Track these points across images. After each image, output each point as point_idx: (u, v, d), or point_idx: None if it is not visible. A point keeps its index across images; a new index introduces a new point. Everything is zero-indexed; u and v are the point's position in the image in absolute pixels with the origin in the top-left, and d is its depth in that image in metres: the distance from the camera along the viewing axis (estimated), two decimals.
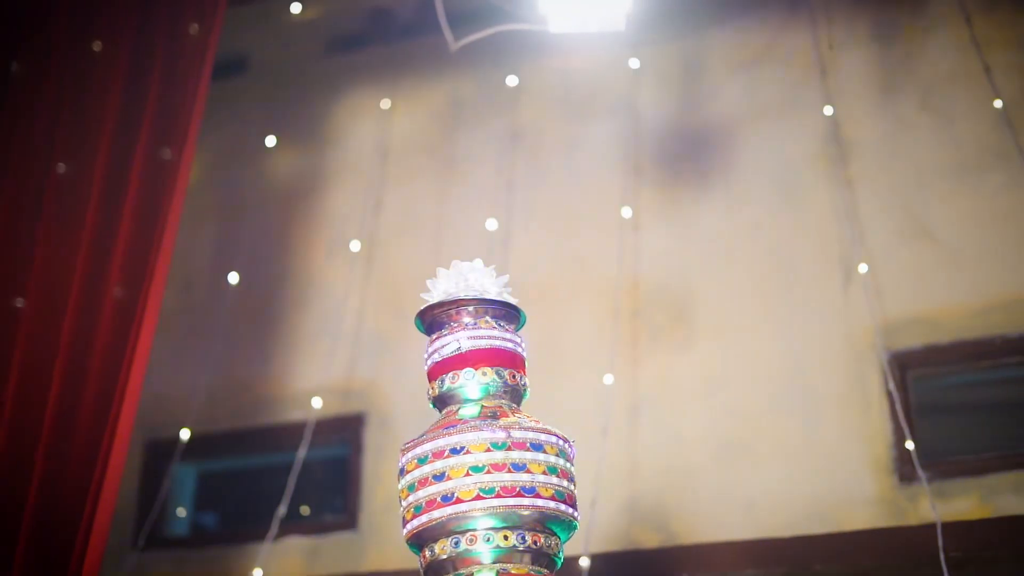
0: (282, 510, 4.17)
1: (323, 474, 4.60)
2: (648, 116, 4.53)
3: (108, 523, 3.34)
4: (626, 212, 4.34)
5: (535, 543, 2.21)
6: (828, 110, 4.22)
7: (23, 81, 3.96)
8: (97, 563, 3.32)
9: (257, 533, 4.30)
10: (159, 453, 4.36)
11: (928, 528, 3.52)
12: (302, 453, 4.25)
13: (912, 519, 3.67)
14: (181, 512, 4.79)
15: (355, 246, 4.59)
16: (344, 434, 4.52)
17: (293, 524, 4.31)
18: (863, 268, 3.99)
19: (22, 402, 3.60)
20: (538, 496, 2.21)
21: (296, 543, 4.34)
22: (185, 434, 4.34)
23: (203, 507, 4.87)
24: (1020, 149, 3.93)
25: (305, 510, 4.52)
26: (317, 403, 4.37)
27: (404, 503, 2.26)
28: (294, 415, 4.52)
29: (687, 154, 4.45)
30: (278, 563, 4.26)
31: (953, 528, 3.53)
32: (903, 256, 4.05)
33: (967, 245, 4.00)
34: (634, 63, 4.48)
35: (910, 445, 3.67)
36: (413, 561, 3.80)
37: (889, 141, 4.21)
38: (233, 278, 4.50)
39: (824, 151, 4.24)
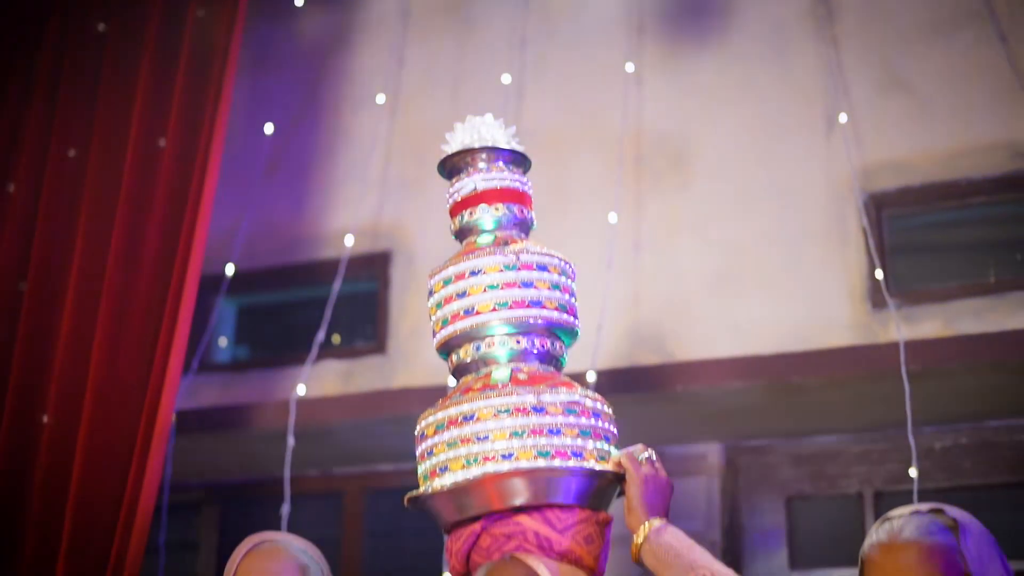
0: (320, 336, 4.48)
1: (354, 307, 4.85)
2: None
3: (184, 345, 3.76)
4: (629, 67, 4.56)
5: (543, 346, 2.59)
6: None
7: None
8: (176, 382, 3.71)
9: (296, 359, 4.65)
10: (204, 288, 4.55)
11: (894, 346, 3.84)
12: (336, 287, 4.54)
13: (881, 339, 3.98)
14: (224, 342, 5.12)
15: (380, 99, 4.84)
16: (373, 270, 4.78)
17: (329, 350, 4.63)
18: (844, 118, 4.24)
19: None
20: (544, 308, 2.58)
21: (332, 366, 4.65)
22: (230, 270, 4.66)
23: (245, 338, 5.19)
24: (990, 10, 4.17)
25: (338, 338, 4.81)
26: (349, 241, 4.62)
27: (433, 318, 2.65)
28: (327, 253, 4.80)
29: (687, 13, 4.64)
30: (317, 384, 4.59)
31: (917, 346, 3.86)
32: (881, 107, 4.29)
33: (939, 97, 4.24)
34: None
35: (879, 274, 3.98)
36: (435, 379, 4.23)
37: (872, 1, 4.43)
38: (268, 128, 4.81)
39: (812, 11, 4.46)
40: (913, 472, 3.73)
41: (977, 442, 4.39)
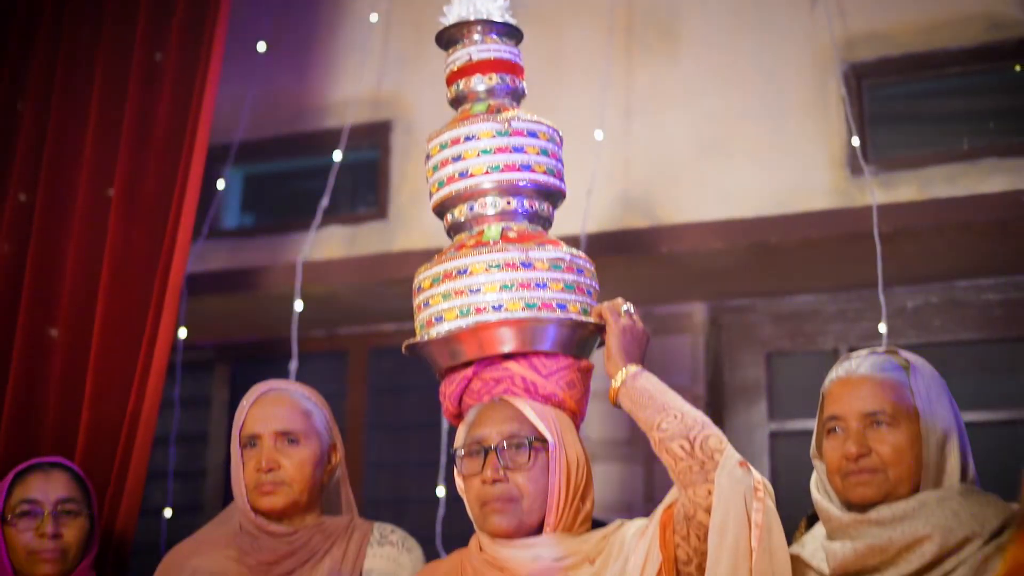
0: (324, 202, 4.55)
1: (357, 174, 4.91)
2: None
3: (193, 212, 3.89)
4: None
5: (531, 207, 2.73)
6: None
7: None
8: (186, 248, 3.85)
9: (301, 224, 4.72)
10: (212, 157, 4.55)
11: (869, 210, 3.93)
12: (339, 154, 4.60)
13: (858, 203, 4.06)
14: (232, 210, 5.19)
15: None
16: (374, 139, 4.82)
17: (332, 216, 4.69)
18: None
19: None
20: (533, 171, 2.72)
21: (335, 231, 4.73)
22: (235, 140, 4.77)
23: (251, 205, 5.25)
24: None
25: (342, 205, 4.87)
26: (350, 110, 4.69)
27: (430, 180, 2.78)
28: (330, 123, 4.83)
29: None
30: (321, 248, 4.68)
31: (891, 209, 3.95)
32: None
33: None
34: None
35: (856, 141, 4.05)
36: (433, 243, 4.38)
37: None
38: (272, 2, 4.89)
39: None
40: (883, 328, 3.89)
41: (946, 301, 4.51)
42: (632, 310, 2.63)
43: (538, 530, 2.46)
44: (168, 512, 4.58)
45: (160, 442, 4.25)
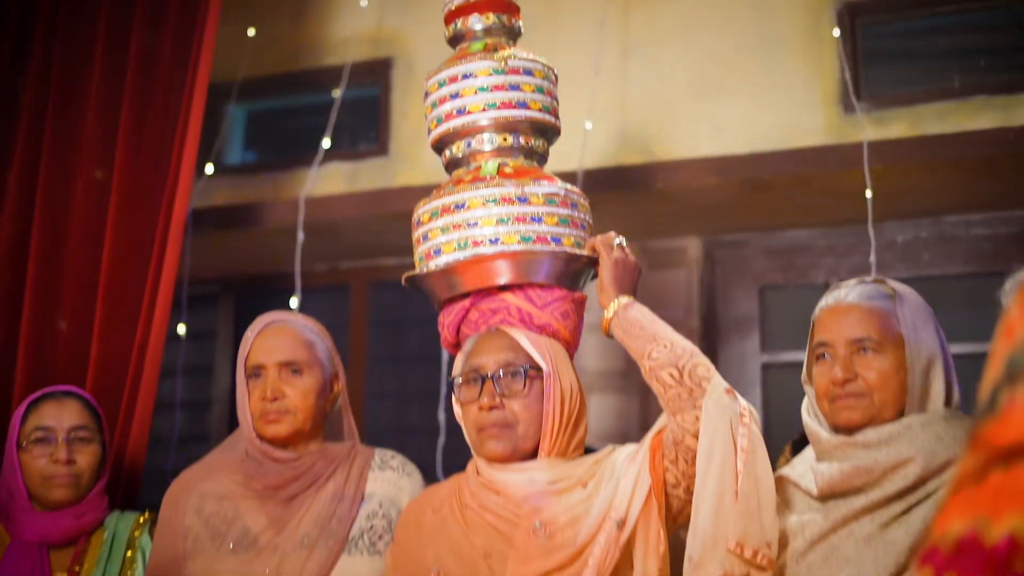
0: (326, 140, 4.60)
1: (357, 111, 4.94)
2: None
3: (195, 147, 3.95)
4: None
5: (527, 143, 2.79)
6: None
7: None
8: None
9: (303, 161, 4.76)
10: (215, 94, 4.63)
11: (861, 146, 3.97)
12: (340, 92, 4.64)
13: (850, 140, 4.09)
14: (235, 147, 5.23)
15: None
16: (375, 76, 4.85)
17: (334, 152, 4.73)
18: None
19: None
20: (529, 108, 2.77)
21: (337, 167, 4.78)
22: (238, 77, 4.80)
23: (254, 142, 5.29)
24: None
25: (343, 142, 4.90)
26: (351, 48, 4.72)
27: (428, 117, 2.83)
28: (331, 60, 4.87)
29: None
30: (323, 184, 4.74)
31: (882, 146, 4.00)
32: None
33: None
34: None
35: (849, 78, 4.10)
36: (433, 179, 4.44)
37: None
38: None
39: None
40: (872, 258, 3.97)
41: (935, 235, 4.58)
42: (624, 243, 2.70)
43: (533, 455, 2.53)
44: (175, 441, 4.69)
45: (167, 374, 4.35)
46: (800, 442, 2.63)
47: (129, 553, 3.08)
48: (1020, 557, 0.88)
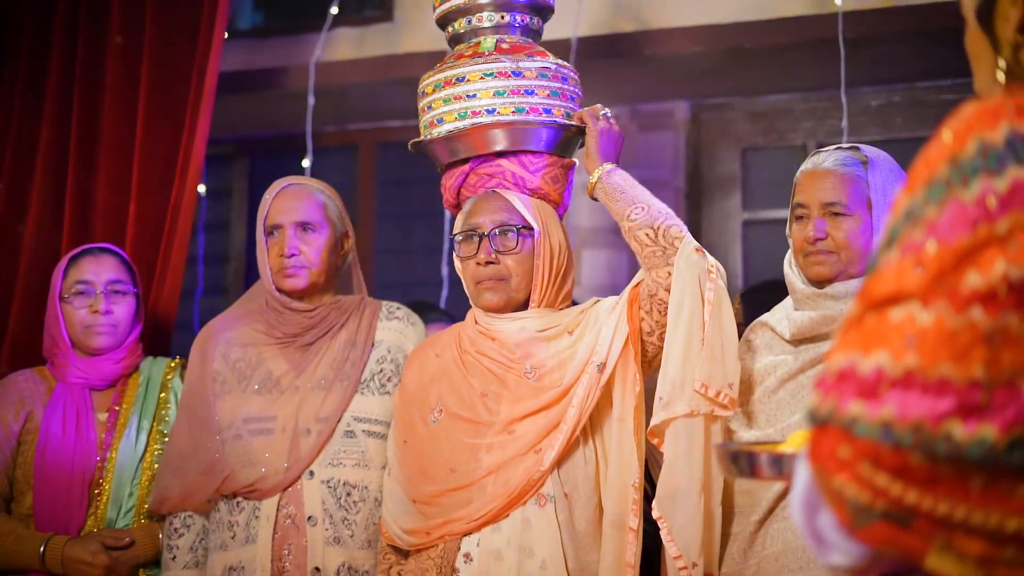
0: (334, 7, 4.70)
1: None
2: None
3: (226, 18, 3.96)
4: None
5: (523, 21, 2.94)
6: None
7: None
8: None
9: (312, 26, 4.83)
10: None
11: (836, 16, 4.09)
12: None
13: (827, 10, 4.19)
14: (246, 11, 5.29)
15: None
16: None
17: (341, 18, 4.80)
18: None
19: None
20: None
21: (345, 32, 4.85)
22: None
23: (263, 4, 5.34)
24: None
25: (350, 8, 4.94)
26: None
27: None
28: None
29: None
30: (331, 49, 4.83)
31: (857, 15, 4.12)
32: None
33: None
34: None
35: None
36: (436, 45, 4.59)
37: None
38: None
39: None
40: (844, 123, 4.15)
41: (908, 100, 4.76)
42: (610, 114, 2.86)
43: (524, 305, 2.73)
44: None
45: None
46: (747, 293, 2.84)
47: (163, 394, 3.33)
48: (885, 383, 1.12)
